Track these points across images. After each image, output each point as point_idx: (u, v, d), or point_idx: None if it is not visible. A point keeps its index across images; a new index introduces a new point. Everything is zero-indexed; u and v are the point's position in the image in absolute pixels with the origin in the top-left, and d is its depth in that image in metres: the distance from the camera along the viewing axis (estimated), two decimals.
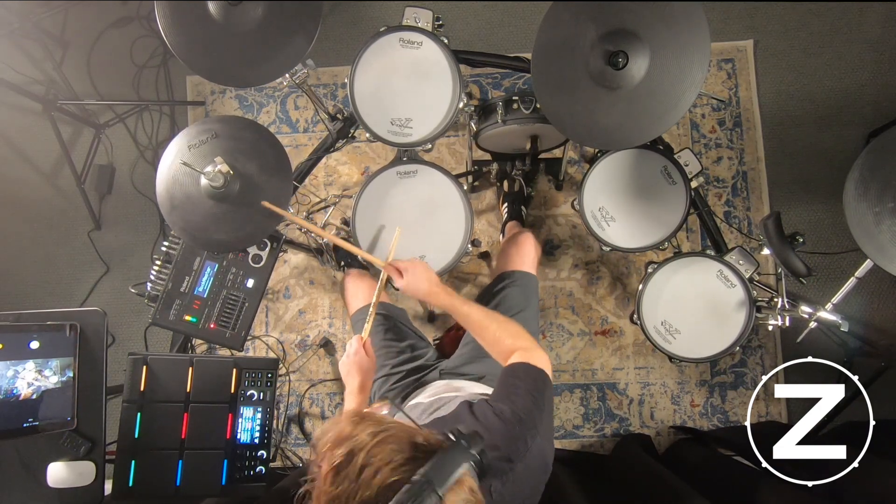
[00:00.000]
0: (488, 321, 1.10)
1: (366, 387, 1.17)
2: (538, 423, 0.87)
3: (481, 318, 1.11)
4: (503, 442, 0.84)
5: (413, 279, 1.14)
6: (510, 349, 1.04)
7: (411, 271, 1.15)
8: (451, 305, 1.14)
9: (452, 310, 1.14)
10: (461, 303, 1.14)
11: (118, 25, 2.32)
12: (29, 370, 1.28)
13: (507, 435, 0.85)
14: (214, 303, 1.47)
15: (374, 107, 1.42)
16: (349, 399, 1.17)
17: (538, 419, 0.88)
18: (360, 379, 1.17)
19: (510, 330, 1.08)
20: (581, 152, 2.14)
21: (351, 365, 1.18)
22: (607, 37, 1.18)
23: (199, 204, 1.30)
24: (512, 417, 0.86)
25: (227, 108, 2.27)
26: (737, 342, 1.51)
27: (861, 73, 2.10)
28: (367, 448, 0.66)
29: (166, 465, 1.33)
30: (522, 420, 0.86)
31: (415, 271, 1.15)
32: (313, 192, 2.17)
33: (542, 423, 0.88)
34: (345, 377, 1.20)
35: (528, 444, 0.84)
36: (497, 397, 0.92)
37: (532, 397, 0.90)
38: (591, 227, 1.54)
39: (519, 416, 0.87)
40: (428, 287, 1.14)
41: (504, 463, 0.82)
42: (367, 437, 0.67)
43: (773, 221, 1.39)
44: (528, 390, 0.92)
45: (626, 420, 2.05)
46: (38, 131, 2.27)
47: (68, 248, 2.26)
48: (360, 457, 0.65)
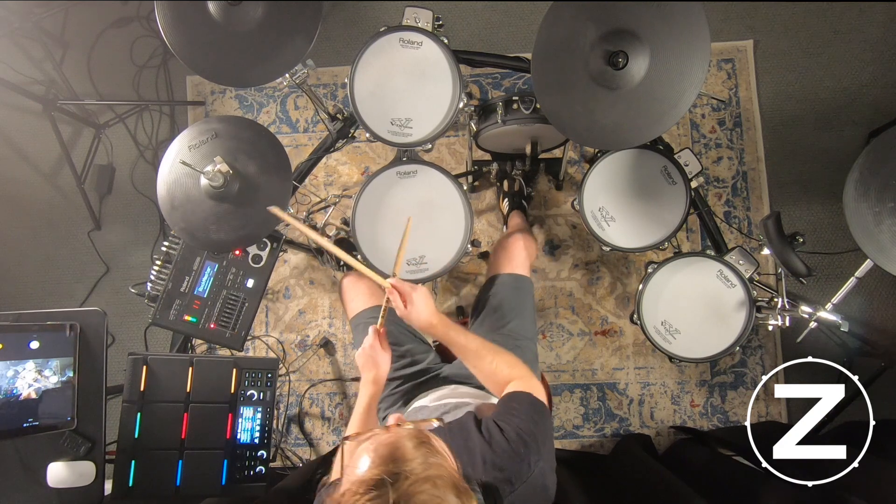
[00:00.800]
0: (485, 352, 1.10)
1: (380, 379, 1.18)
2: (541, 446, 0.88)
3: (478, 349, 1.10)
4: (507, 463, 0.84)
5: (416, 310, 1.11)
6: (507, 379, 1.05)
7: (416, 301, 1.11)
8: (448, 337, 1.12)
9: (449, 341, 1.13)
10: (458, 333, 1.12)
11: (118, 25, 2.32)
12: (29, 370, 1.28)
13: (511, 456, 0.85)
14: (214, 303, 1.47)
15: (374, 107, 1.42)
16: (363, 389, 1.17)
17: (541, 443, 0.88)
18: (375, 372, 1.17)
19: (507, 360, 1.08)
20: (581, 152, 2.14)
21: (367, 357, 1.18)
22: (607, 37, 1.18)
23: (199, 204, 1.30)
24: (517, 439, 0.87)
25: (227, 108, 2.27)
26: (737, 342, 1.51)
27: (861, 73, 2.10)
28: (414, 480, 0.64)
29: (166, 465, 1.33)
30: (527, 443, 0.87)
31: (418, 301, 1.11)
32: (313, 192, 2.17)
33: (545, 448, 0.89)
34: (361, 368, 1.20)
35: (532, 466, 0.85)
36: (502, 418, 0.93)
37: (534, 422, 0.91)
38: (591, 227, 1.54)
39: (523, 438, 0.87)
40: (428, 319, 1.11)
41: (505, 485, 0.82)
42: (419, 467, 0.65)
43: (773, 221, 1.39)
44: (529, 415, 0.92)
45: (626, 420, 2.05)
46: (38, 131, 2.27)
47: (68, 248, 2.26)
48: (403, 485, 0.63)
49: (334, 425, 2.12)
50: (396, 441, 0.69)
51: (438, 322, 1.12)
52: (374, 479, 0.64)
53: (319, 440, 2.12)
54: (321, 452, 2.10)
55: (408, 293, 1.11)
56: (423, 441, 0.69)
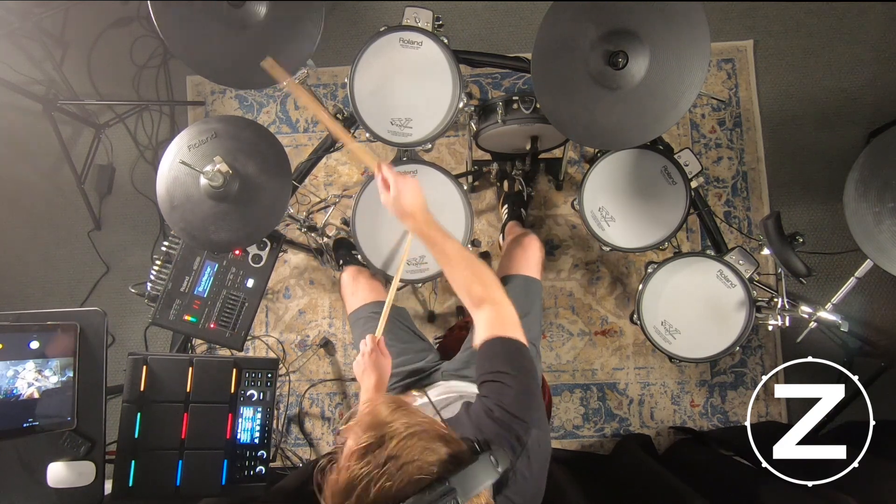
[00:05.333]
0: (464, 263, 1.04)
1: (382, 385, 1.16)
2: (529, 414, 0.85)
3: (456, 256, 1.04)
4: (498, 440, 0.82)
5: (399, 195, 1.03)
6: (480, 298, 1.00)
7: (401, 186, 1.03)
8: (429, 235, 1.05)
9: (429, 240, 1.05)
10: (441, 235, 1.05)
11: (118, 25, 2.32)
12: (29, 370, 1.28)
13: (500, 434, 0.83)
14: (214, 303, 1.47)
15: (374, 107, 1.42)
16: (364, 397, 1.16)
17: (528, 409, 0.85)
18: (376, 378, 1.15)
19: (483, 278, 1.03)
20: (581, 152, 2.14)
21: (367, 364, 1.16)
22: (607, 37, 1.18)
23: (198, 204, 1.30)
24: (502, 416, 0.84)
25: (227, 108, 2.27)
26: (737, 342, 1.51)
27: (861, 73, 2.10)
28: (399, 438, 0.66)
29: (166, 465, 1.33)
30: (514, 417, 0.84)
31: (405, 186, 1.04)
32: (313, 192, 2.17)
33: (532, 412, 0.86)
34: (360, 376, 1.18)
35: (524, 438, 0.83)
36: (487, 393, 0.90)
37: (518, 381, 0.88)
38: (591, 227, 1.54)
39: (510, 413, 0.84)
40: (412, 208, 1.04)
41: None
42: (402, 426, 0.68)
43: (773, 221, 1.39)
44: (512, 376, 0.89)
45: (626, 420, 2.05)
46: (38, 131, 2.26)
47: (68, 248, 2.26)
48: (390, 444, 0.66)
49: (334, 425, 2.12)
50: (373, 409, 0.71)
51: (420, 213, 1.05)
52: (363, 447, 0.66)
53: (319, 440, 2.12)
54: (321, 452, 2.10)
55: (394, 180, 1.04)
56: (399, 405, 0.71)
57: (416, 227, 1.06)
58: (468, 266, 1.04)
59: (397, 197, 1.04)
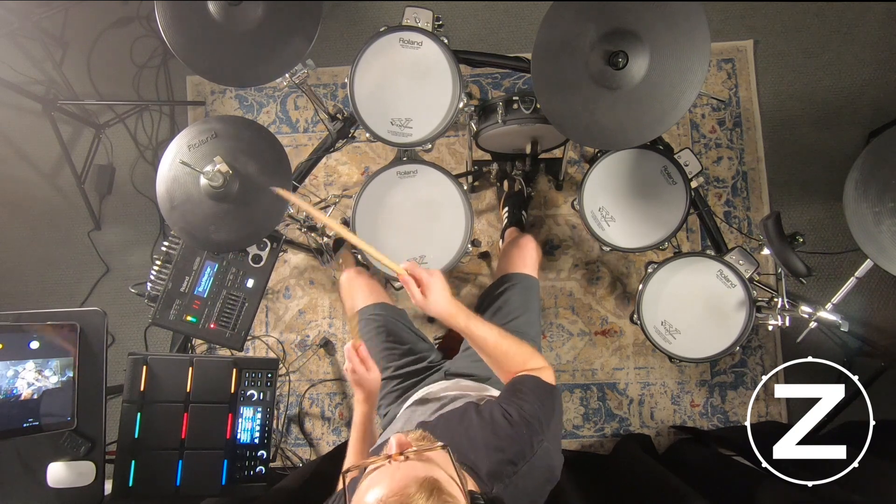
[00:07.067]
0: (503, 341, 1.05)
1: (371, 398, 1.15)
2: (545, 428, 0.87)
3: (497, 339, 1.05)
4: (509, 444, 0.84)
5: (434, 298, 1.02)
6: (521, 369, 1.03)
7: (433, 288, 1.02)
8: (467, 327, 1.05)
9: (468, 332, 1.05)
10: (479, 324, 1.05)
11: (118, 25, 2.32)
12: (29, 370, 1.28)
13: (513, 437, 0.84)
14: (214, 303, 1.47)
15: (374, 107, 1.42)
16: (356, 408, 1.15)
17: (545, 424, 0.87)
18: (364, 394, 1.13)
19: (523, 350, 1.04)
20: (581, 152, 2.14)
21: (350, 382, 1.15)
22: (607, 37, 1.18)
23: (198, 204, 1.30)
24: (519, 420, 0.86)
25: (227, 108, 2.27)
26: (737, 342, 1.51)
27: (861, 73, 2.10)
28: None
29: (166, 465, 1.33)
30: (529, 423, 0.86)
31: (436, 288, 1.02)
32: (313, 192, 2.17)
33: (549, 430, 0.88)
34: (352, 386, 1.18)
35: (535, 447, 0.84)
36: (506, 401, 0.92)
37: (540, 403, 0.90)
38: (591, 227, 1.54)
39: (526, 419, 0.86)
40: (447, 308, 1.03)
41: (508, 466, 0.82)
42: None
43: (773, 221, 1.39)
44: (536, 396, 0.91)
45: (626, 420, 2.05)
46: (38, 131, 2.26)
47: (68, 248, 2.26)
48: None
49: (334, 425, 2.12)
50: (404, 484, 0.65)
51: (458, 311, 1.04)
52: None
53: (319, 440, 2.12)
54: (321, 452, 2.10)
55: (425, 280, 1.02)
56: (434, 488, 0.65)
57: (456, 322, 1.05)
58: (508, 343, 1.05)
59: (432, 299, 1.03)
